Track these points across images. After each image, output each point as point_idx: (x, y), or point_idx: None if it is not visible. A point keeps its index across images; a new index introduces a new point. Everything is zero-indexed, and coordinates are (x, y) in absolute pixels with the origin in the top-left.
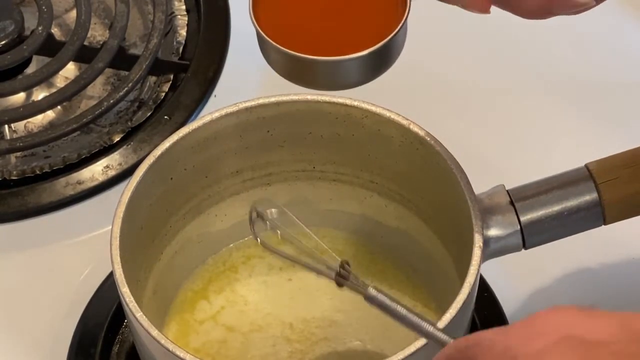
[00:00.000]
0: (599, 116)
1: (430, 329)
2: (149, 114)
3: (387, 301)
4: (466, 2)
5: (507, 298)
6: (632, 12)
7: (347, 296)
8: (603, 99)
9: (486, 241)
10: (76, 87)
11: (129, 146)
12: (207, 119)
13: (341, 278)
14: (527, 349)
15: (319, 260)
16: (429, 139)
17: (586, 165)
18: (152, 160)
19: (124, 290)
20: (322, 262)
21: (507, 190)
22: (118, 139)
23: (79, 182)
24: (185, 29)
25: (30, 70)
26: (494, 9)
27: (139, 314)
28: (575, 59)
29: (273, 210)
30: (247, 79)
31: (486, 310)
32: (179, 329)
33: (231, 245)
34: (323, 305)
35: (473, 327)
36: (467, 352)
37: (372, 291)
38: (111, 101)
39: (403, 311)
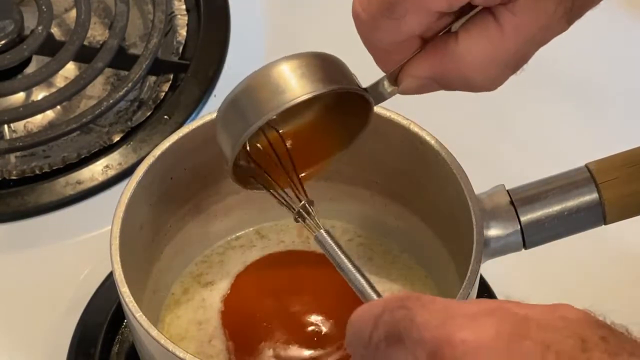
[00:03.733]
0: (599, 116)
1: (362, 284)
2: (148, 113)
3: (333, 247)
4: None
5: (507, 298)
6: (633, 12)
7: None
8: (603, 99)
9: (486, 241)
10: (76, 87)
11: (129, 146)
12: (207, 118)
13: (300, 215)
14: (466, 310)
15: (287, 197)
16: (429, 138)
17: (586, 165)
18: (151, 160)
19: (124, 290)
20: (290, 199)
21: (507, 190)
22: (118, 138)
23: (79, 182)
24: (185, 28)
25: (30, 70)
26: None
27: (138, 314)
28: (575, 59)
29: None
30: None
31: None
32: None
33: (231, 244)
34: None
35: None
36: (403, 302)
37: (322, 233)
38: (111, 101)
39: (343, 260)
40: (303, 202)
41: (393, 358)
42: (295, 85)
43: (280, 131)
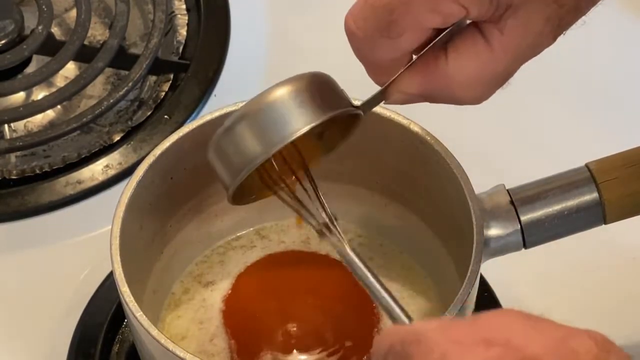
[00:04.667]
0: (599, 116)
1: (390, 302)
2: (149, 113)
3: (357, 263)
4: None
5: (507, 298)
6: (633, 12)
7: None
8: (603, 98)
9: (486, 241)
10: (76, 87)
11: (129, 145)
12: (207, 118)
13: (324, 230)
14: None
15: (309, 210)
16: (429, 138)
17: (586, 165)
18: (152, 160)
19: (124, 290)
20: (311, 213)
21: (508, 190)
22: (118, 138)
23: (79, 182)
24: (186, 28)
25: (30, 69)
26: None
27: (139, 314)
28: (575, 59)
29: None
30: (247, 79)
31: (486, 310)
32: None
33: (231, 244)
34: None
35: None
36: (405, 348)
37: (346, 249)
38: (111, 101)
39: (369, 278)
40: (325, 215)
41: None
42: (296, 116)
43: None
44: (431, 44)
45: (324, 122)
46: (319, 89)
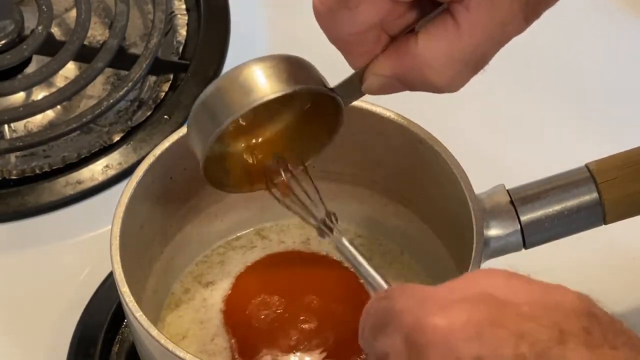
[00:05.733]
0: (599, 116)
1: (376, 278)
2: (148, 113)
3: (353, 253)
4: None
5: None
6: (632, 12)
7: None
8: (603, 99)
9: (486, 241)
10: (76, 87)
11: (129, 146)
12: None
13: (324, 229)
14: (444, 295)
15: (307, 210)
16: (428, 138)
17: (586, 165)
18: (152, 160)
19: (124, 290)
20: (310, 212)
21: (507, 190)
22: (118, 138)
23: (79, 182)
24: (185, 28)
25: (30, 69)
26: None
27: (138, 314)
28: (575, 59)
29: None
30: None
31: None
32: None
33: (232, 244)
34: None
35: None
36: (389, 292)
37: (343, 241)
38: (111, 101)
39: (364, 266)
40: (324, 213)
41: (378, 347)
42: (262, 86)
43: (258, 135)
44: (406, 30)
45: (295, 96)
46: (293, 67)
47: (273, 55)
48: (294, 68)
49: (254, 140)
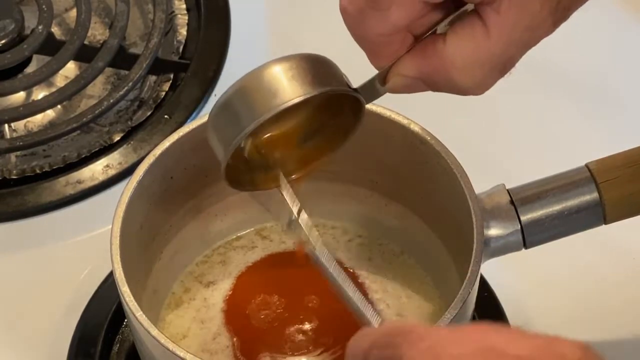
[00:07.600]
0: (599, 116)
1: (361, 305)
2: (149, 113)
3: (326, 265)
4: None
5: (507, 298)
6: (633, 12)
7: None
8: (603, 98)
9: (486, 240)
10: (76, 87)
11: (129, 145)
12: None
13: (291, 225)
14: (451, 351)
15: (283, 208)
16: (429, 138)
17: (586, 165)
18: (152, 160)
19: (124, 290)
20: (286, 210)
21: (508, 190)
22: (118, 138)
23: (79, 182)
24: (186, 28)
25: (30, 69)
26: None
27: (139, 314)
28: (575, 59)
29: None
30: None
31: (486, 310)
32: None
33: (232, 244)
34: None
35: None
36: (391, 339)
37: (316, 252)
38: (111, 100)
39: (338, 279)
40: (296, 209)
41: None
42: (286, 89)
43: (274, 133)
44: (432, 30)
45: (317, 98)
46: (315, 67)
47: (295, 55)
48: (317, 68)
49: (270, 138)
